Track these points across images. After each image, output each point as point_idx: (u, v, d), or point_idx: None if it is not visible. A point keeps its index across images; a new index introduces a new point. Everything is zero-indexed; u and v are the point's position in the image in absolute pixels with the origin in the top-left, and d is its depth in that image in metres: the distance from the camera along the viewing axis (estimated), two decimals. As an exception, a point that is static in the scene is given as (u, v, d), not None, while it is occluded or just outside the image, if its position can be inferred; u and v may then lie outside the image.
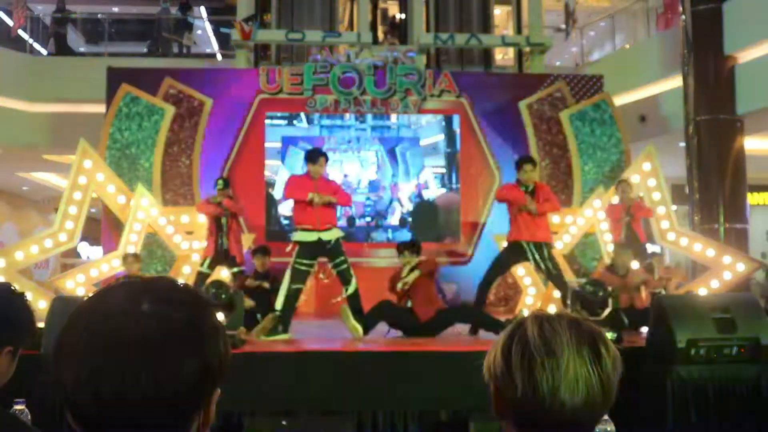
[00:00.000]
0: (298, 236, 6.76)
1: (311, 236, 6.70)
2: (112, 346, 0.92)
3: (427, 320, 6.72)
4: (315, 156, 6.90)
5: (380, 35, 13.71)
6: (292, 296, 6.69)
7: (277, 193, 10.50)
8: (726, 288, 8.27)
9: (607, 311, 6.20)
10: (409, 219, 10.67)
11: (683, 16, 10.99)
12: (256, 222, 10.21)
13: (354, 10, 12.71)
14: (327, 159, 6.99)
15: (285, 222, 10.46)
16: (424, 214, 10.69)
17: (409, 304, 6.89)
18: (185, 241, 8.90)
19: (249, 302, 7.04)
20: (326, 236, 6.72)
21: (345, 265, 6.83)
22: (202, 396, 0.98)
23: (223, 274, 7.98)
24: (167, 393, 0.93)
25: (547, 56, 12.38)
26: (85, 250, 15.32)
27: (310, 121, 10.68)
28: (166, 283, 1.02)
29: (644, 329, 6.17)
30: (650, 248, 8.57)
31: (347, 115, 10.67)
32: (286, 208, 10.48)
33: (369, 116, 10.71)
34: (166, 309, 0.96)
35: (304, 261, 6.70)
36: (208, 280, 7.20)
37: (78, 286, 8.31)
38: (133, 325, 0.93)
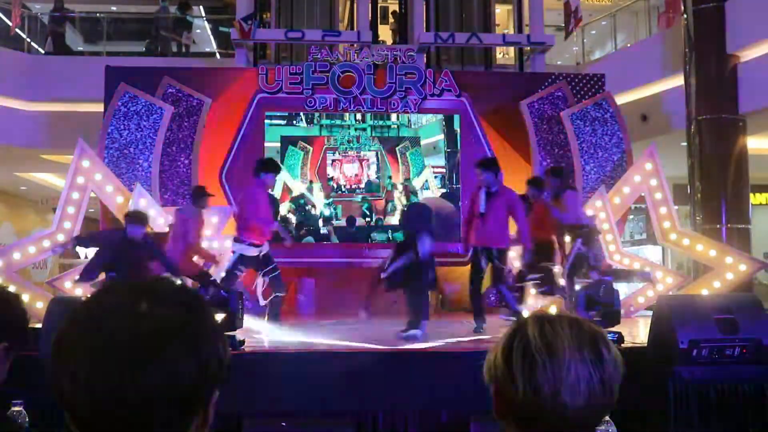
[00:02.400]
0: None
1: None
2: (109, 347, 0.92)
3: None
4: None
5: (389, 34, 13.67)
6: None
7: (277, 193, 10.47)
8: (728, 288, 8.24)
9: None
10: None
11: (685, 15, 10.96)
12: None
13: (354, 8, 12.68)
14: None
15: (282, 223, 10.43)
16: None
17: None
18: (184, 241, 8.85)
19: None
20: None
21: None
22: (200, 397, 0.97)
23: None
24: (164, 395, 0.92)
25: (548, 55, 12.34)
26: (83, 250, 15.28)
27: (309, 121, 10.65)
28: (164, 284, 1.03)
29: None
30: None
31: (347, 114, 10.64)
32: (284, 209, 10.46)
33: (369, 116, 10.68)
34: (164, 310, 0.96)
35: None
36: None
37: (76, 286, 8.27)
38: (131, 326, 0.93)
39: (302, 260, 10.21)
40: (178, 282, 1.06)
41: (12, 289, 7.73)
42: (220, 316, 5.60)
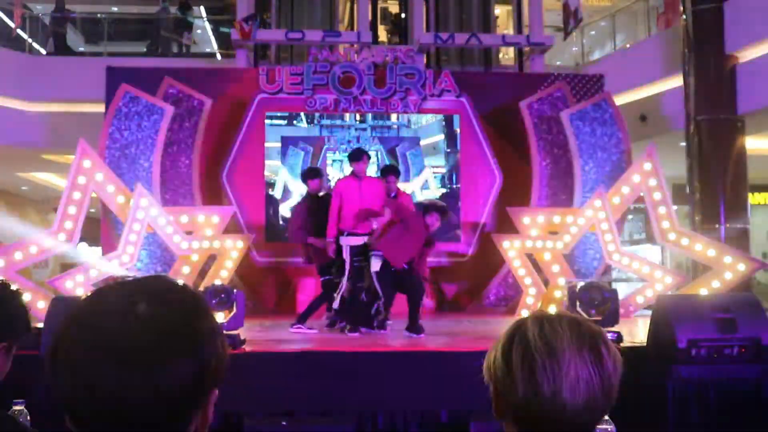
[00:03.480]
0: None
1: None
2: (107, 349, 0.91)
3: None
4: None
5: (384, 35, 13.68)
6: None
7: (277, 193, 10.48)
8: (727, 288, 8.25)
9: None
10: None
11: (684, 16, 10.97)
12: (255, 222, 10.19)
13: (354, 9, 12.70)
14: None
15: (282, 224, 10.44)
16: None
17: None
18: (185, 241, 8.88)
19: None
20: None
21: None
22: (199, 397, 0.97)
23: None
24: (164, 394, 0.92)
25: (548, 56, 12.36)
26: (85, 250, 15.29)
27: (310, 121, 10.66)
28: (162, 283, 1.01)
29: None
30: None
31: (347, 115, 10.65)
32: (285, 209, 10.46)
33: (369, 116, 10.69)
34: (162, 310, 0.96)
35: None
36: None
37: (77, 286, 8.28)
38: (129, 327, 0.93)
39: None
40: (179, 281, 1.06)
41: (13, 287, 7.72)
42: (221, 315, 5.62)
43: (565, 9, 12.29)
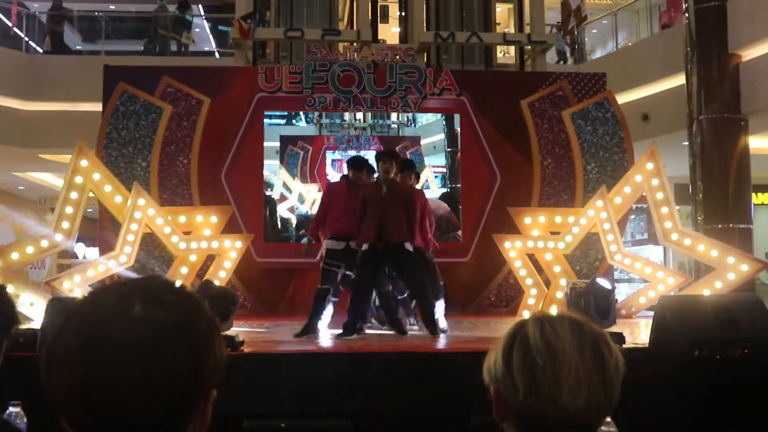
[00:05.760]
0: None
1: None
2: (103, 352, 0.91)
3: None
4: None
5: (389, 33, 13.63)
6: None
7: (276, 193, 10.43)
8: (730, 288, 8.21)
9: None
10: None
11: (687, 14, 10.93)
12: (254, 221, 10.15)
13: (354, 7, 12.66)
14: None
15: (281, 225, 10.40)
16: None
17: None
18: (183, 242, 8.83)
19: None
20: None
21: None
22: (197, 398, 0.97)
23: None
24: (162, 396, 0.92)
25: (549, 54, 12.32)
26: (82, 250, 15.28)
27: (309, 120, 10.61)
28: (159, 284, 1.01)
29: None
30: None
31: (347, 114, 10.60)
32: (283, 209, 10.41)
33: (369, 115, 10.64)
34: (158, 311, 0.95)
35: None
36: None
37: (74, 286, 8.24)
38: (125, 329, 0.92)
39: (302, 260, 10.16)
40: (177, 281, 1.03)
41: (10, 289, 7.68)
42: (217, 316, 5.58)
43: (564, 7, 12.26)
